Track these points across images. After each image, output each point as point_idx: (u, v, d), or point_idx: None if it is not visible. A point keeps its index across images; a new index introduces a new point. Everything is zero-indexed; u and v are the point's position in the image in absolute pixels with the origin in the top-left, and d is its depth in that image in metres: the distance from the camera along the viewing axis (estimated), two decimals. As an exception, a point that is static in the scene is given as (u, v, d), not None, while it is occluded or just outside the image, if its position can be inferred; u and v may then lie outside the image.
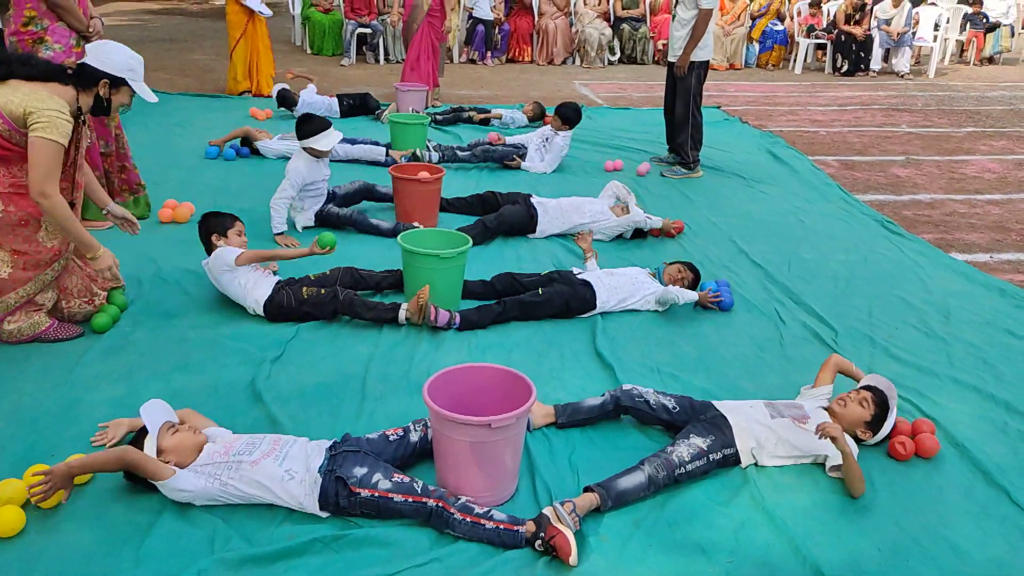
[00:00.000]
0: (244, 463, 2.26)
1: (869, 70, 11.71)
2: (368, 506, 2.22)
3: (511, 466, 2.36)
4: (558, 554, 2.12)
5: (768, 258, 4.43)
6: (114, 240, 4.23)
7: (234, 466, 2.25)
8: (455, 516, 2.18)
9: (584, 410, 2.73)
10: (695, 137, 5.94)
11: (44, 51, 3.96)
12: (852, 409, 2.65)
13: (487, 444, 2.24)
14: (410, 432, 2.48)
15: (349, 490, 2.21)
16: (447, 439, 2.28)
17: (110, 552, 2.11)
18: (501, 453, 2.29)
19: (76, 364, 3.01)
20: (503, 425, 2.21)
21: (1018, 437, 2.84)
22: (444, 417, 2.22)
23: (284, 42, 11.57)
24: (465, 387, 2.46)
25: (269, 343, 3.24)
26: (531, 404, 2.28)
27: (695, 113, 5.86)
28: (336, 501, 2.22)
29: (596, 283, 3.60)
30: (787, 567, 2.17)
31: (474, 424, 2.19)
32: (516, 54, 11.66)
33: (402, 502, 2.21)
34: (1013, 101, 9.96)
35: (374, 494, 2.21)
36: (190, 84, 8.62)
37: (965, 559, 2.24)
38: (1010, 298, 4.03)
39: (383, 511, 2.23)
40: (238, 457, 2.28)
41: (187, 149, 6.05)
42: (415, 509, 2.21)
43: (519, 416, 2.24)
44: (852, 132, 7.88)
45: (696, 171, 6.01)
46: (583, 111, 6.05)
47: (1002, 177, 6.45)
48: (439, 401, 2.29)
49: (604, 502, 2.31)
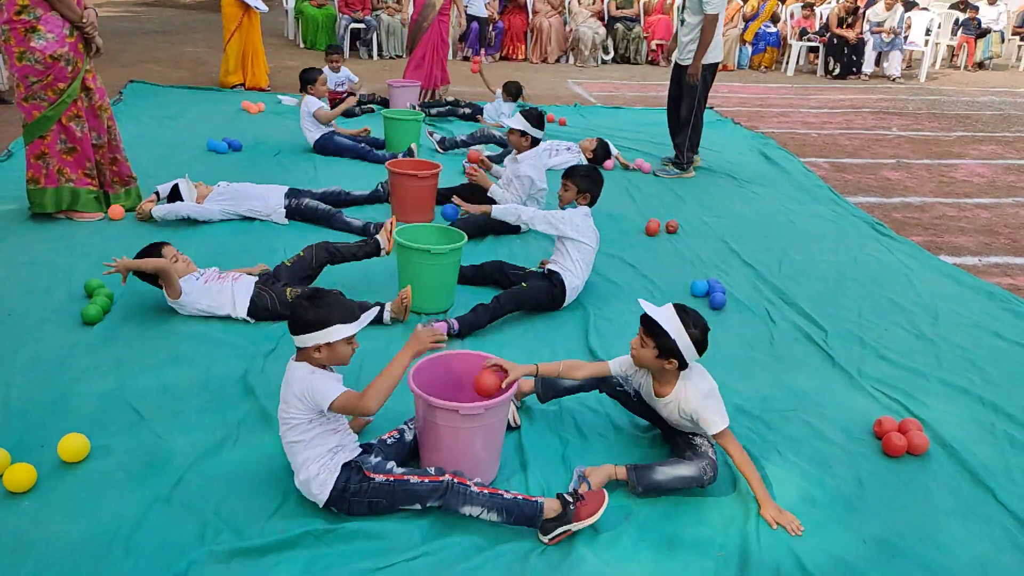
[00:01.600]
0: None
1: (861, 73, 11.78)
2: (382, 493, 2.20)
3: (483, 455, 2.40)
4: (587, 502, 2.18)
5: (759, 258, 4.45)
6: (104, 233, 4.23)
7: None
8: (472, 489, 2.19)
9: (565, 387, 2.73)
10: (693, 139, 5.96)
11: (37, 40, 3.93)
12: (639, 353, 2.46)
13: (457, 429, 2.31)
14: (405, 432, 2.49)
15: (363, 475, 2.21)
16: (423, 420, 2.38)
17: (100, 544, 2.11)
18: (470, 441, 2.34)
19: (66, 356, 2.99)
20: (472, 413, 2.27)
21: (1005, 438, 2.87)
22: (420, 399, 2.31)
23: (277, 36, 11.52)
24: (456, 374, 2.53)
25: (261, 337, 3.23)
26: (507, 397, 2.36)
27: (698, 115, 5.88)
28: (345, 487, 2.19)
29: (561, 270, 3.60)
30: (774, 561, 2.19)
31: (445, 409, 2.27)
32: (510, 52, 11.65)
33: (419, 483, 2.21)
34: (1003, 106, 10.04)
35: (390, 479, 2.22)
36: (183, 76, 8.58)
37: (950, 557, 2.27)
38: (998, 301, 4.06)
39: (397, 496, 2.21)
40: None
41: (179, 142, 6.02)
42: (432, 488, 2.20)
43: (488, 407, 2.30)
44: (843, 134, 7.93)
45: (689, 171, 6.04)
46: (578, 110, 6.05)
47: (991, 181, 6.50)
48: (430, 384, 2.37)
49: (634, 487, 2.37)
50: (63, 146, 4.17)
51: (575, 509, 2.17)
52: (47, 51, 3.97)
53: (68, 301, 3.43)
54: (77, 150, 4.26)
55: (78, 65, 4.11)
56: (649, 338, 2.41)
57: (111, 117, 4.41)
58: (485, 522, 2.20)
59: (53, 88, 4.04)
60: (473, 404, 2.30)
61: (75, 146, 4.25)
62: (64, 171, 4.25)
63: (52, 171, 4.21)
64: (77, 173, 4.29)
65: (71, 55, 4.05)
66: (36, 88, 4.01)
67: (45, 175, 4.21)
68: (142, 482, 2.34)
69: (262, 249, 4.07)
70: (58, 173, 4.23)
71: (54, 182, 4.24)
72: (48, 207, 4.26)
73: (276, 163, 5.65)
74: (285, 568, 2.06)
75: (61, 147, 4.18)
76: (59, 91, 4.06)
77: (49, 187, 4.24)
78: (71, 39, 4.03)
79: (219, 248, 4.06)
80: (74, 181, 4.29)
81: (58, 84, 4.05)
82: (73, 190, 4.30)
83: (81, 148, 4.27)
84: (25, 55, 3.95)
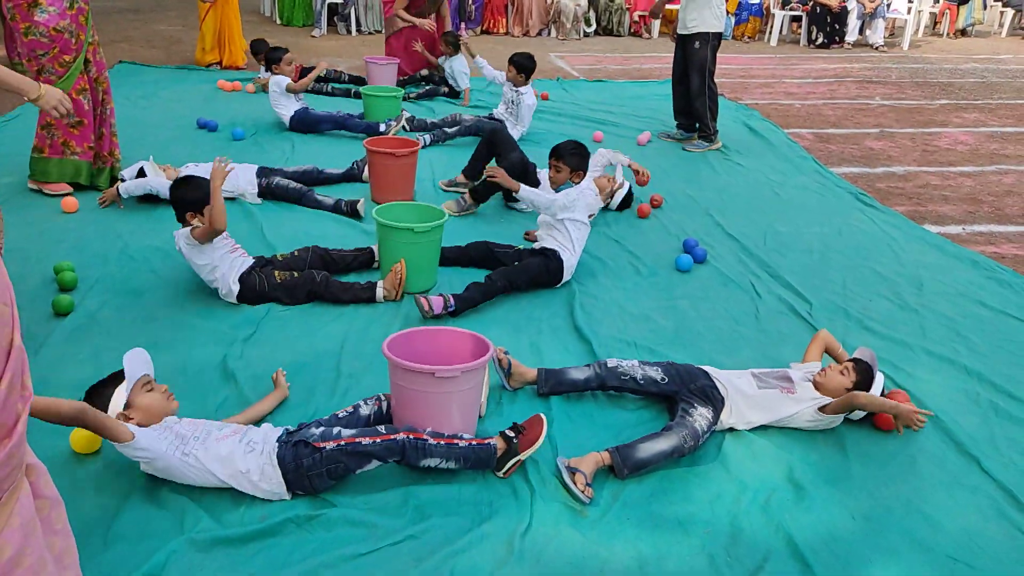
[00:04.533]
0: (212, 436, 2.21)
1: (844, 42, 11.73)
2: (336, 459, 2.16)
3: (458, 422, 2.39)
4: (527, 431, 2.29)
5: (744, 231, 4.43)
6: (78, 218, 4.15)
7: (200, 438, 2.19)
8: (429, 442, 2.20)
9: (567, 382, 2.73)
10: (712, 108, 5.90)
11: (39, 14, 4.08)
12: (832, 378, 2.66)
13: (433, 395, 2.31)
14: (360, 407, 2.46)
15: (312, 447, 2.16)
16: (398, 388, 2.37)
17: (78, 535, 2.01)
18: (447, 405, 2.35)
19: (41, 345, 2.93)
20: (447, 376, 2.29)
21: (989, 407, 2.87)
22: (394, 363, 2.32)
23: (253, 12, 11.32)
24: (429, 348, 2.53)
25: (240, 322, 3.18)
26: (482, 361, 2.38)
27: (710, 84, 5.82)
28: (297, 466, 2.15)
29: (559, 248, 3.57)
30: (762, 537, 2.18)
31: (420, 372, 2.29)
32: (491, 25, 11.52)
33: (371, 444, 2.17)
34: (985, 74, 10.03)
35: (340, 443, 2.17)
36: (156, 56, 8.42)
37: (938, 529, 2.27)
38: (982, 269, 4.06)
39: (353, 460, 2.17)
40: (207, 429, 2.24)
41: (155, 122, 5.91)
42: (386, 447, 2.18)
43: (464, 370, 2.31)
44: (827, 105, 7.90)
45: (716, 142, 5.99)
46: (560, 84, 6.00)
47: (974, 149, 6.49)
48: (404, 358, 2.35)
49: (620, 470, 2.35)
50: (70, 119, 4.21)
51: (518, 441, 2.29)
52: (50, 24, 4.09)
53: (42, 287, 3.36)
54: (84, 123, 4.35)
55: (80, 37, 4.23)
56: (854, 373, 2.66)
57: (107, 91, 4.51)
58: (443, 470, 2.27)
59: (59, 60, 4.18)
60: (450, 367, 2.30)
61: (82, 119, 4.34)
62: (70, 144, 4.36)
63: (56, 143, 4.34)
64: (82, 147, 4.40)
65: (73, 27, 4.18)
66: (44, 61, 4.15)
67: (49, 145, 4.36)
68: (120, 471, 2.29)
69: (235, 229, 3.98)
70: (63, 145, 4.35)
71: (59, 153, 4.37)
72: (52, 177, 4.39)
73: (252, 143, 5.56)
74: (267, 556, 2.02)
75: (68, 120, 4.22)
76: (65, 63, 4.20)
77: (53, 157, 4.38)
78: (71, 11, 4.16)
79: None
80: (79, 154, 4.40)
81: (64, 56, 4.18)
82: (76, 163, 4.40)
83: (88, 122, 4.38)
84: (31, 29, 4.07)
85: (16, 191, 4.47)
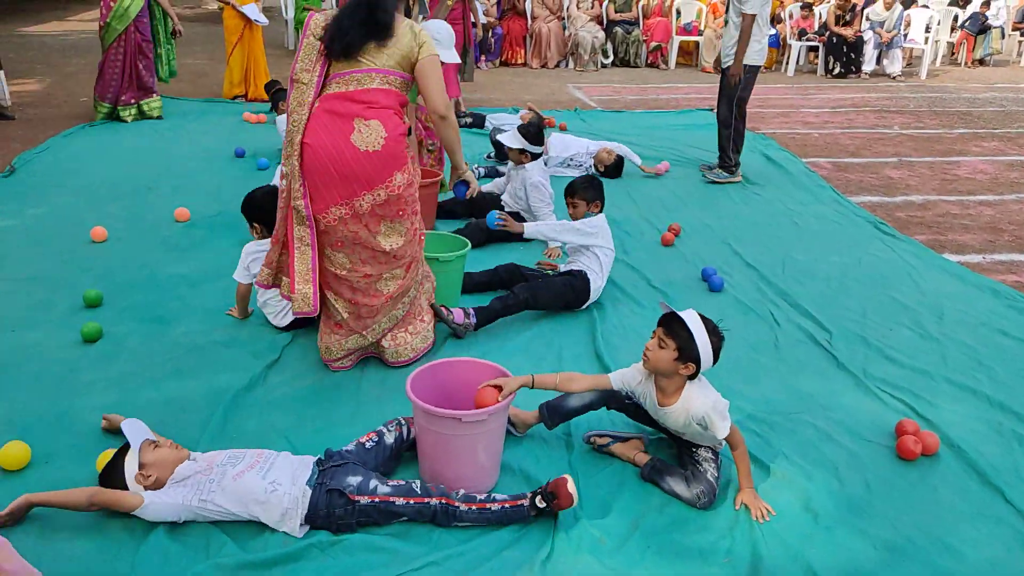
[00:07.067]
0: (227, 475, 2.21)
1: (861, 72, 11.76)
2: (368, 514, 2.20)
3: (485, 461, 2.38)
4: (559, 498, 2.20)
5: (762, 260, 4.44)
6: (105, 247, 4.23)
7: (216, 480, 2.20)
8: (461, 508, 2.21)
9: (572, 411, 2.64)
10: (736, 141, 5.91)
11: None
12: (656, 355, 2.39)
13: (459, 437, 2.30)
14: (384, 435, 2.46)
15: (347, 499, 2.19)
16: (424, 430, 2.36)
17: (106, 559, 2.10)
18: (473, 447, 2.33)
19: (69, 372, 2.99)
20: (474, 420, 2.27)
21: (1012, 437, 2.84)
22: (419, 408, 2.30)
23: (277, 46, 11.55)
24: (452, 381, 2.52)
25: (264, 348, 3.23)
26: (507, 403, 2.35)
27: (738, 117, 5.83)
28: (329, 513, 2.18)
29: (587, 269, 3.63)
30: (781, 566, 2.17)
31: (446, 417, 2.26)
32: (509, 57, 11.68)
33: (404, 505, 2.20)
34: (1004, 103, 10.01)
35: (375, 500, 2.20)
36: (183, 89, 8.61)
37: (961, 560, 2.25)
38: (1003, 298, 4.04)
39: (384, 516, 2.21)
40: (221, 469, 2.23)
41: (181, 153, 6.04)
42: (418, 510, 2.21)
43: (491, 413, 2.30)
44: (845, 134, 7.91)
45: (736, 175, 6.00)
46: (578, 114, 6.04)
47: (994, 178, 6.47)
48: (427, 393, 2.37)
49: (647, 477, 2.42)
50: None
51: (550, 508, 2.24)
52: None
53: (70, 315, 3.44)
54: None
55: None
56: (669, 339, 2.36)
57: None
58: None
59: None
60: (476, 411, 2.29)
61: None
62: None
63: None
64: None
65: None
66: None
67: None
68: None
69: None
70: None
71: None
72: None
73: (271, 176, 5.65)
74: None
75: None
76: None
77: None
78: None
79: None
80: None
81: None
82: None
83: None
84: None
85: (46, 221, 4.58)
